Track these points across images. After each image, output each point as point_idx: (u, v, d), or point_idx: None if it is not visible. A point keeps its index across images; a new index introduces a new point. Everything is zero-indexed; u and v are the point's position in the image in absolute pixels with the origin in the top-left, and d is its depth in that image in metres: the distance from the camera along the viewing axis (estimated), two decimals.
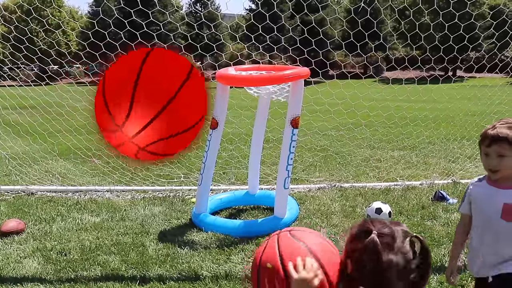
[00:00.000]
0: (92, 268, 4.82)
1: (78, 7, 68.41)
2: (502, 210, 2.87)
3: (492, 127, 2.89)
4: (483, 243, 3.04)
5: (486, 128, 2.93)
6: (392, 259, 1.75)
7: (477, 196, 3.07)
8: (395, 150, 10.83)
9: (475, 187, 3.12)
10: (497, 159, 2.83)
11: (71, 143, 9.93)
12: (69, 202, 7.13)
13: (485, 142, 2.89)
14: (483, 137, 2.92)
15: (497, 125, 2.86)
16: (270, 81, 5.77)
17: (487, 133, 2.87)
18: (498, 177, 2.89)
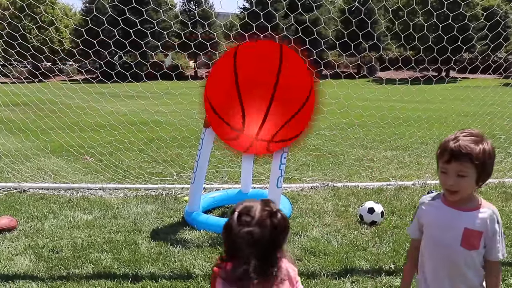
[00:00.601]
0: (84, 266, 4.80)
1: (71, 5, 68.24)
2: (462, 236, 2.49)
3: (454, 139, 2.42)
4: (437, 276, 2.64)
5: (447, 139, 2.47)
6: (247, 231, 2.16)
7: (432, 218, 2.63)
8: (388, 150, 10.85)
9: (428, 207, 2.67)
10: (456, 179, 2.41)
11: (64, 141, 9.90)
12: (61, 199, 7.10)
13: (444, 157, 2.43)
14: (442, 149, 2.45)
15: (460, 137, 2.40)
16: None
17: (448, 146, 2.40)
18: (458, 199, 2.49)
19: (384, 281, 4.42)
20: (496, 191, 7.50)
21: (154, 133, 10.78)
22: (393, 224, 5.97)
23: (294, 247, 5.25)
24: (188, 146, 10.21)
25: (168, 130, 11.19)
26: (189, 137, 10.61)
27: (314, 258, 4.96)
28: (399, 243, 5.33)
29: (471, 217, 2.49)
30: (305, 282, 4.42)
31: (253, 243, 2.18)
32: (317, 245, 5.27)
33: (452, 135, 2.47)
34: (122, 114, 12.69)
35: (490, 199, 7.04)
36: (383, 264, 4.81)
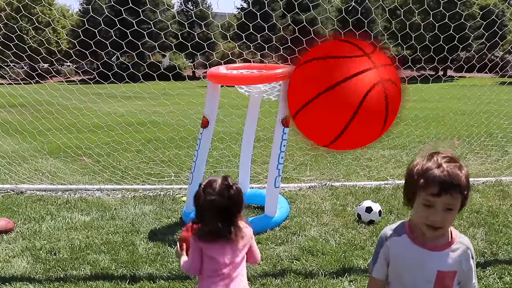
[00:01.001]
0: (81, 267, 4.80)
1: (69, 5, 68.17)
2: (435, 279, 2.23)
3: (439, 166, 2.08)
4: None
5: (427, 166, 2.10)
6: (210, 199, 2.79)
7: (399, 259, 2.30)
8: (385, 149, 10.86)
9: (394, 244, 2.31)
10: (444, 213, 2.11)
11: (61, 142, 9.89)
12: (58, 201, 7.10)
13: (430, 188, 2.06)
14: (426, 180, 2.07)
15: (443, 164, 2.08)
16: (261, 80, 5.76)
17: (435, 176, 2.05)
18: (438, 234, 2.21)
19: None
20: (493, 189, 7.51)
21: (152, 134, 10.77)
22: (390, 223, 5.96)
23: (292, 247, 5.26)
24: (185, 146, 10.21)
25: (165, 131, 11.18)
26: (187, 137, 10.61)
27: (312, 258, 4.96)
28: None
29: (444, 257, 2.23)
30: (303, 282, 4.42)
31: (214, 208, 2.81)
32: (315, 245, 5.27)
33: (430, 161, 2.11)
34: (120, 115, 12.68)
35: (488, 198, 7.06)
36: None
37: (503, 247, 5.20)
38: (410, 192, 2.19)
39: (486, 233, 5.65)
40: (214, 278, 2.92)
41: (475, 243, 5.30)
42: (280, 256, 5.03)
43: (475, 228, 5.82)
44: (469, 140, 10.51)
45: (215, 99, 6.06)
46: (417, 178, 2.10)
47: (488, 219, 6.13)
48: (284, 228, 5.86)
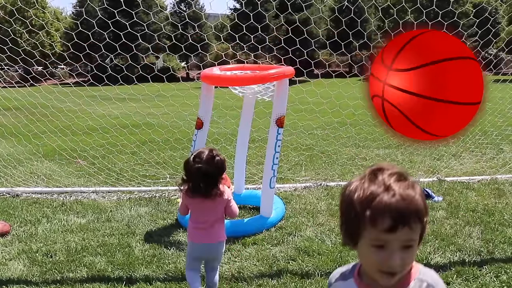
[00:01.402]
0: (78, 270, 4.80)
1: (62, 8, 67.89)
2: None
3: (385, 188, 1.50)
4: None
5: (366, 189, 1.53)
6: (197, 167, 3.62)
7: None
8: (380, 149, 10.89)
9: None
10: (402, 253, 1.52)
11: (56, 144, 9.88)
12: (54, 203, 7.08)
13: (380, 222, 1.48)
14: (372, 210, 1.48)
15: (392, 184, 1.51)
16: (255, 80, 5.77)
17: (384, 204, 1.47)
18: (396, 280, 1.59)
19: None
20: (489, 188, 7.54)
21: (146, 136, 10.77)
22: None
23: (288, 247, 5.27)
24: (180, 148, 10.20)
25: (160, 133, 11.18)
26: (181, 139, 10.62)
27: (308, 258, 4.97)
28: None
29: None
30: (299, 282, 4.43)
31: (201, 174, 3.63)
32: (311, 245, 5.29)
33: (373, 183, 1.54)
34: (114, 117, 12.67)
35: (483, 196, 7.08)
36: None
37: (499, 246, 5.22)
38: (350, 229, 1.60)
39: (482, 231, 5.67)
40: (196, 225, 3.88)
41: (471, 242, 5.32)
42: (276, 256, 5.04)
43: (471, 226, 5.84)
44: (463, 138, 10.55)
45: (209, 100, 6.06)
46: (360, 210, 1.51)
47: (484, 217, 6.15)
48: (280, 228, 5.87)
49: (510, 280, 4.37)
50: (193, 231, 3.88)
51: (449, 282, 4.36)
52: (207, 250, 3.91)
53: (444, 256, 4.95)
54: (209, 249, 3.90)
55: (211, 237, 3.86)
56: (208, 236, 3.85)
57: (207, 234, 3.84)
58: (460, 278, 4.44)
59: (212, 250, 3.91)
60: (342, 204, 1.64)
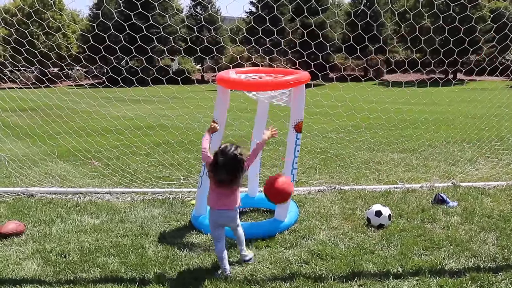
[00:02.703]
0: (91, 270, 4.81)
1: (79, 10, 68.48)
2: None
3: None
4: None
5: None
6: (221, 159, 4.49)
7: None
8: (395, 153, 10.82)
9: None
10: None
11: (71, 145, 9.94)
12: (68, 204, 7.12)
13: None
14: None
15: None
16: (272, 86, 5.75)
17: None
18: None
19: (391, 285, 4.40)
20: (504, 194, 7.46)
21: (161, 138, 10.80)
22: (400, 227, 5.94)
23: (301, 251, 5.24)
24: (194, 150, 10.23)
25: (174, 134, 11.21)
26: (196, 141, 10.63)
27: (321, 262, 4.94)
28: (406, 246, 5.31)
29: None
30: (312, 286, 4.41)
31: (223, 166, 4.50)
32: (324, 249, 5.26)
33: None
34: (129, 119, 12.72)
35: (499, 202, 7.01)
36: (390, 267, 4.78)
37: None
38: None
39: (498, 237, 5.61)
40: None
41: (487, 248, 5.26)
42: (289, 260, 5.02)
43: (486, 232, 5.77)
44: (479, 144, 10.46)
45: (224, 103, 6.06)
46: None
47: (500, 223, 6.08)
48: (293, 231, 5.85)
49: None
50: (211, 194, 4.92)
51: None
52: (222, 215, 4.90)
53: (458, 262, 4.90)
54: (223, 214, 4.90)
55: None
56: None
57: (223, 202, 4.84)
58: (475, 284, 4.39)
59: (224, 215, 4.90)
60: None
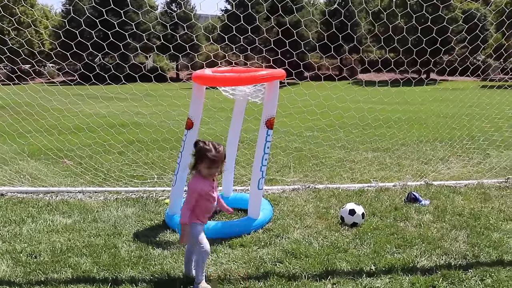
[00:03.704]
0: (63, 271, 4.74)
1: (51, 6, 67.51)
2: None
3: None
4: None
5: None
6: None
7: None
8: (368, 152, 10.90)
9: None
10: None
11: (42, 144, 9.79)
12: (40, 203, 7.01)
13: None
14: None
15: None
16: (245, 81, 5.75)
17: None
18: None
19: (364, 283, 4.43)
20: (475, 192, 7.56)
21: (134, 135, 10.71)
22: (373, 226, 5.98)
23: (276, 249, 5.24)
24: (168, 148, 10.16)
25: (148, 132, 11.12)
26: (170, 138, 10.56)
27: (296, 260, 4.94)
28: (379, 245, 5.34)
29: None
30: (286, 284, 4.41)
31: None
32: (298, 247, 5.26)
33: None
34: (101, 116, 12.58)
35: (470, 200, 7.11)
36: (364, 265, 4.81)
37: (484, 250, 5.23)
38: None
39: (468, 235, 5.68)
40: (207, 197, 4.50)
41: (457, 246, 5.33)
42: (263, 258, 5.01)
43: (457, 230, 5.84)
44: (451, 143, 10.59)
45: (199, 100, 6.03)
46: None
47: (470, 221, 6.17)
48: (268, 230, 5.84)
49: (495, 284, 4.38)
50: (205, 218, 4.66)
51: (435, 286, 4.37)
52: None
53: (430, 260, 4.95)
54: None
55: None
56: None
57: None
58: (446, 281, 4.44)
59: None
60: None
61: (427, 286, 4.36)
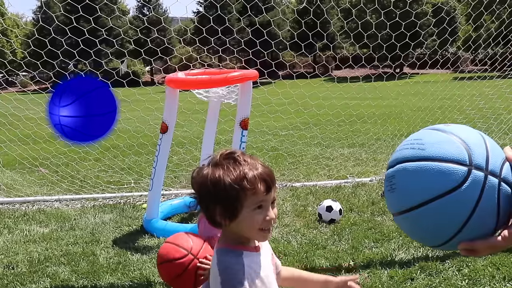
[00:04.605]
0: (41, 281, 4.71)
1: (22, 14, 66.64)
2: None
3: (247, 164, 1.86)
4: None
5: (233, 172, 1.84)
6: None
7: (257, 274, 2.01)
8: (344, 148, 10.98)
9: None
10: (273, 208, 1.96)
11: (16, 153, 9.68)
12: (16, 213, 6.95)
13: (258, 189, 1.86)
14: (250, 181, 1.86)
15: (249, 160, 1.92)
16: (218, 83, 5.77)
17: (255, 174, 1.86)
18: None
19: None
20: None
21: (109, 141, 10.63)
22: (351, 221, 6.05)
23: None
24: (144, 152, 10.13)
25: (123, 138, 11.06)
26: (145, 143, 10.53)
27: None
28: (357, 240, 5.40)
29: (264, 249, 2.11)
30: None
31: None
32: (277, 246, 5.30)
33: (237, 164, 1.87)
34: None
35: None
36: (342, 261, 4.87)
37: None
38: (230, 207, 1.85)
39: None
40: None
41: None
42: None
43: None
44: None
45: (173, 104, 6.03)
46: (240, 186, 1.82)
47: None
48: None
49: (471, 273, 4.46)
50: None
51: (413, 278, 4.43)
52: None
53: (408, 252, 5.02)
54: None
55: None
56: None
57: None
58: (424, 273, 4.51)
59: None
60: (214, 192, 1.86)
61: (405, 278, 4.43)
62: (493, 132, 10.51)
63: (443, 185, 1.39)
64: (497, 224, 1.42)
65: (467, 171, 1.39)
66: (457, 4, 24.13)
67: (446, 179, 1.39)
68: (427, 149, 1.48)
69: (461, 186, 1.38)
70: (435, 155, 1.44)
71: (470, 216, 1.39)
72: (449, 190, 1.39)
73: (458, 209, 1.39)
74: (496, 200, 1.39)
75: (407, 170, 1.50)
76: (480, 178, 1.39)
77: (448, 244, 1.49)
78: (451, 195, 1.38)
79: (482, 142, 1.46)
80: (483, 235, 1.43)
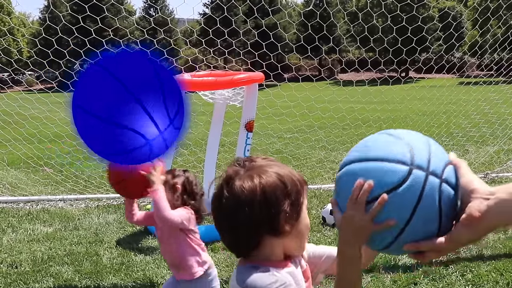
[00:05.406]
0: (44, 280, 4.72)
1: (29, 13, 66.91)
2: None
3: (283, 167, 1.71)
4: None
5: (289, 172, 1.67)
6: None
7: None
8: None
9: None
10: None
11: (21, 152, 9.71)
12: (20, 212, 6.97)
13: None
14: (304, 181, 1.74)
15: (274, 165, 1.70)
16: (224, 85, 5.78)
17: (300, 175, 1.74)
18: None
19: None
20: None
21: None
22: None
23: None
24: None
25: None
26: None
27: None
28: None
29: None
30: None
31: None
32: None
33: (283, 166, 1.72)
34: None
35: None
36: None
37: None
38: (296, 207, 1.66)
39: None
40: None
41: None
42: None
43: None
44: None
45: None
46: (301, 185, 1.69)
47: None
48: None
49: (475, 279, 4.44)
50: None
51: (416, 282, 4.42)
52: None
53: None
54: None
55: None
56: None
57: None
58: (427, 278, 4.50)
59: None
60: (285, 190, 1.63)
61: (408, 283, 4.41)
62: (498, 137, 10.49)
63: (384, 184, 1.40)
64: (440, 227, 1.42)
65: (408, 171, 1.40)
66: (464, 9, 24.13)
67: (388, 178, 1.40)
68: (372, 151, 1.49)
69: (402, 184, 1.39)
70: (379, 156, 1.46)
71: (411, 215, 1.40)
72: (390, 188, 1.39)
73: (400, 207, 1.40)
74: (438, 201, 1.39)
75: (351, 171, 1.50)
76: (420, 177, 1.39)
77: (393, 245, 1.48)
78: (392, 194, 1.39)
79: (427, 145, 1.47)
80: (426, 238, 1.43)
